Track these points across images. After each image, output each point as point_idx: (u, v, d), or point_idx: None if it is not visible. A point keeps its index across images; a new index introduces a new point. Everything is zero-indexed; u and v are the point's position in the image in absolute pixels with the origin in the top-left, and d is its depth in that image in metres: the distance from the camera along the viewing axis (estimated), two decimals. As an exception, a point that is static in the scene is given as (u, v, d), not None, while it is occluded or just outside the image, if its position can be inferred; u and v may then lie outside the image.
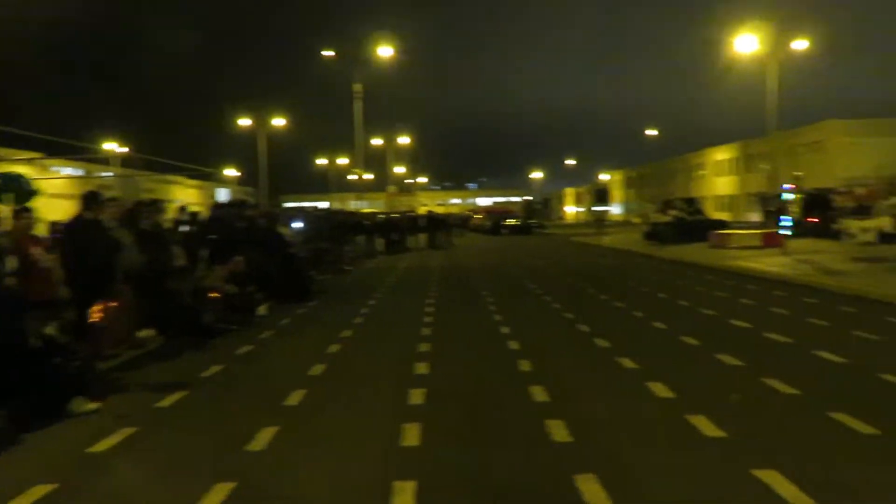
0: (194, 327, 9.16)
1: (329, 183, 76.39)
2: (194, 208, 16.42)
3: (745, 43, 30.62)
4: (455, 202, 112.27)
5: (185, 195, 40.81)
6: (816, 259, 18.04)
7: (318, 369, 7.49)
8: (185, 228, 12.06)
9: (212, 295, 9.91)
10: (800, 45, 30.78)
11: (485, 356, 8.06)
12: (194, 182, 46.59)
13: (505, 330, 9.57)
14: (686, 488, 4.17)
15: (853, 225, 22.62)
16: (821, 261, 17.54)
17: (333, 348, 8.64)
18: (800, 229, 25.44)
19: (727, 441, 4.89)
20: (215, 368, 7.61)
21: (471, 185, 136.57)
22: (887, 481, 4.15)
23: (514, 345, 8.50)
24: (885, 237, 20.55)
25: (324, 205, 63.42)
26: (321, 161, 75.67)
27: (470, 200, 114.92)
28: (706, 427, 5.14)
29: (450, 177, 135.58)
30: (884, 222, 20.80)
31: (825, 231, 25.34)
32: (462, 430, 5.38)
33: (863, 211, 23.56)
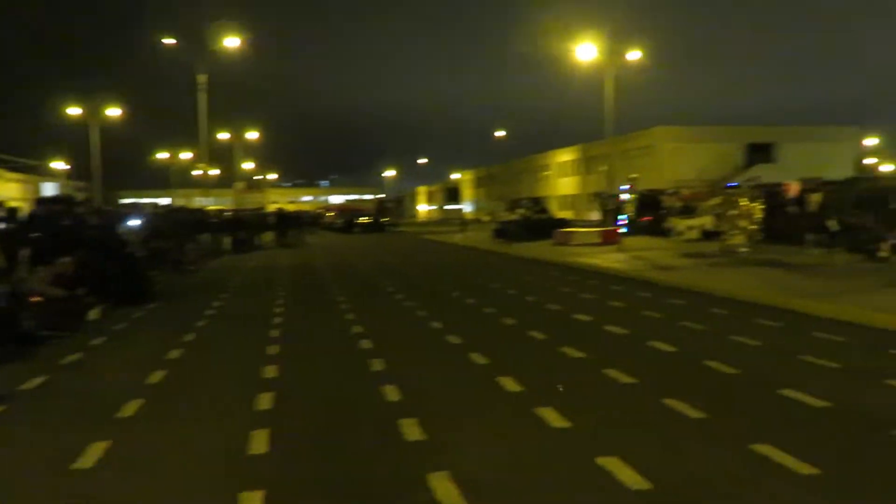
0: (12, 335, 8.28)
1: (172, 179, 72.42)
2: (14, 204, 14.90)
3: (585, 52, 32.38)
4: (306, 199, 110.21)
5: (4, 190, 37.08)
6: (649, 255, 19.37)
7: (156, 377, 7.01)
8: (1, 226, 10.89)
9: (33, 299, 9.01)
10: (634, 55, 32.98)
11: (336, 356, 7.91)
12: (15, 175, 42.42)
13: (357, 329, 9.45)
14: (535, 480, 4.27)
15: (680, 223, 24.54)
16: (653, 257, 18.85)
17: (174, 354, 8.13)
18: (634, 227, 27.23)
19: (573, 431, 5.07)
20: (37, 380, 6.91)
21: (323, 183, 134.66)
22: (716, 461, 4.46)
23: (366, 344, 8.40)
24: (708, 234, 22.44)
25: (166, 201, 60.01)
26: (162, 155, 71.44)
27: (322, 198, 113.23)
28: (553, 419, 5.31)
29: (301, 174, 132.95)
30: (706, 221, 22.70)
31: (656, 229, 27.30)
32: (313, 433, 5.22)
33: (688, 211, 25.61)
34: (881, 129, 66.56)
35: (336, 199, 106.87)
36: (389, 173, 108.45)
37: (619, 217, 23.29)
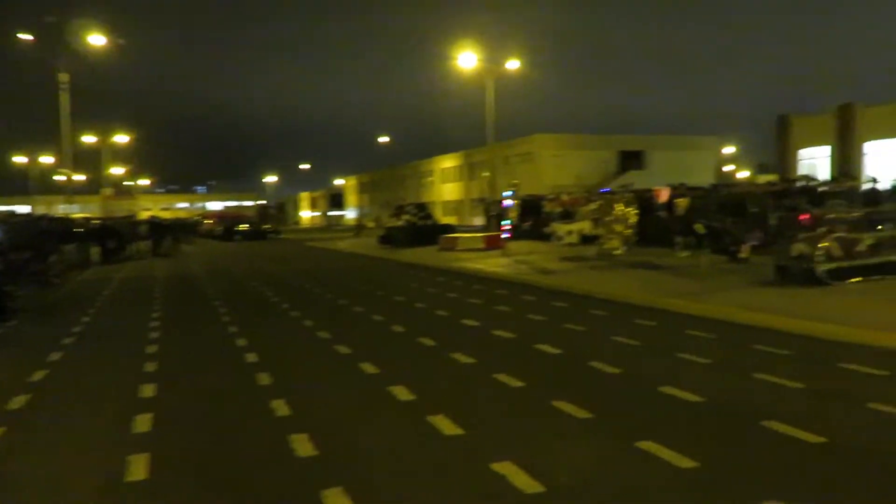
0: None
1: (31, 184, 67.34)
2: None
3: (466, 60, 32.97)
4: (182, 206, 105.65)
5: None
6: (532, 259, 19.91)
7: (19, 401, 6.46)
8: None
9: None
10: (513, 64, 33.89)
11: (220, 372, 7.59)
12: None
13: (241, 342, 9.12)
14: (431, 489, 4.26)
15: (561, 228, 25.35)
16: (536, 261, 19.39)
17: (38, 375, 7.53)
18: (517, 232, 27.90)
19: (466, 438, 5.10)
20: None
21: (199, 189, 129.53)
22: (605, 460, 4.61)
23: (251, 357, 8.12)
24: (586, 239, 23.31)
25: (25, 209, 55.71)
26: (20, 159, 66.30)
27: (199, 205, 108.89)
28: (446, 426, 5.32)
29: (176, 179, 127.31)
30: (585, 226, 23.55)
31: (538, 234, 28.07)
32: (197, 455, 4.97)
33: (568, 216, 26.51)
34: (737, 138, 71.89)
35: (214, 205, 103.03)
36: (271, 179, 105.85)
37: (503, 222, 23.79)
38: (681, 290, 12.06)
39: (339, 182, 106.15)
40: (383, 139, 69.34)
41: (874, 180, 16.87)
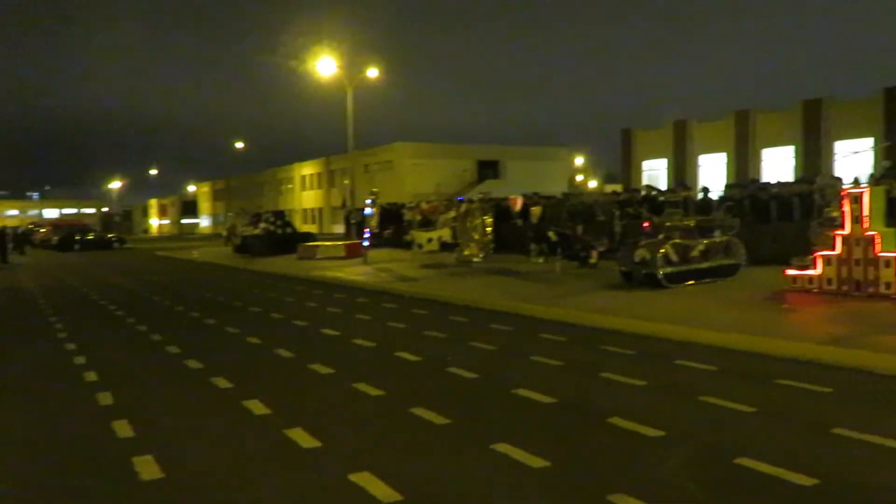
0: None
1: None
2: None
3: (325, 67, 32.65)
4: (12, 214, 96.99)
5: None
6: (393, 267, 19.98)
7: None
8: None
9: None
10: (373, 72, 33.93)
11: (56, 394, 7.01)
12: None
13: (79, 360, 8.48)
14: (286, 506, 4.15)
15: (420, 236, 25.61)
16: (396, 269, 19.48)
17: None
18: (378, 240, 27.90)
19: (324, 450, 5.01)
20: None
21: (33, 195, 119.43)
22: (463, 465, 4.69)
23: (91, 376, 7.57)
24: (446, 246, 23.71)
25: None
26: None
27: (33, 212, 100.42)
28: (303, 439, 5.21)
29: (5, 185, 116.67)
30: (444, 233, 23.94)
31: (399, 242, 28.20)
32: (29, 484, 4.55)
33: (428, 224, 26.83)
34: (587, 150, 75.98)
35: (51, 213, 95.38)
36: (115, 184, 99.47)
37: (364, 230, 23.70)
38: (535, 295, 12.54)
39: (191, 188, 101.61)
40: (239, 144, 67.12)
41: (706, 190, 18.37)
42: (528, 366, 7.55)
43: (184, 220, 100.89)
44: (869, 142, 31.82)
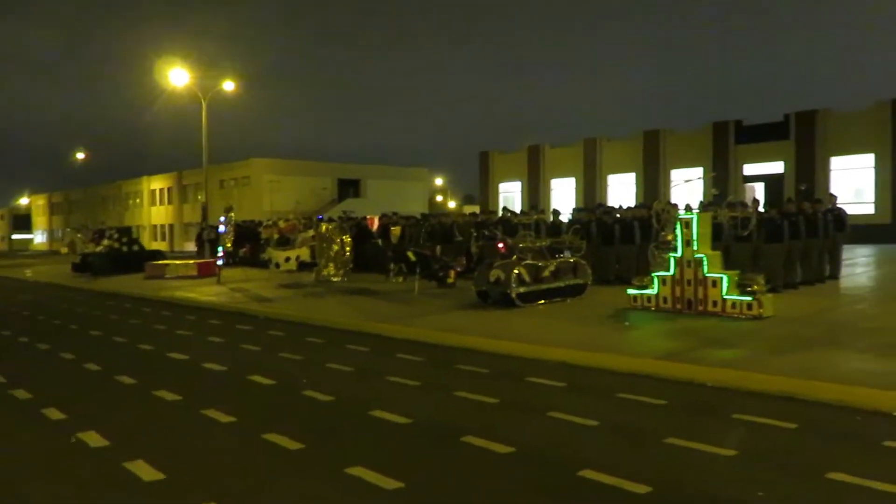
0: None
1: None
2: None
3: (178, 77, 31.36)
4: None
5: None
6: (248, 287, 19.37)
7: None
8: None
9: None
10: (229, 85, 32.98)
11: None
12: None
13: None
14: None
15: (278, 255, 25.02)
16: (252, 289, 18.90)
17: None
18: (233, 259, 26.95)
19: (167, 483, 4.75)
20: None
21: None
22: (313, 491, 4.60)
23: None
24: (305, 265, 23.30)
25: None
26: None
27: None
28: (145, 472, 4.92)
29: None
30: (303, 252, 23.51)
31: (255, 261, 27.39)
32: None
33: (286, 242, 26.27)
34: (445, 171, 77.65)
35: None
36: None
37: (217, 249, 22.83)
38: (394, 315, 12.60)
39: (24, 201, 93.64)
40: (80, 155, 62.67)
41: (557, 213, 19.28)
42: (385, 386, 7.56)
43: (15, 236, 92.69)
44: (699, 171, 34.77)
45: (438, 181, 74.48)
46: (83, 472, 5.03)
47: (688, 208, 13.60)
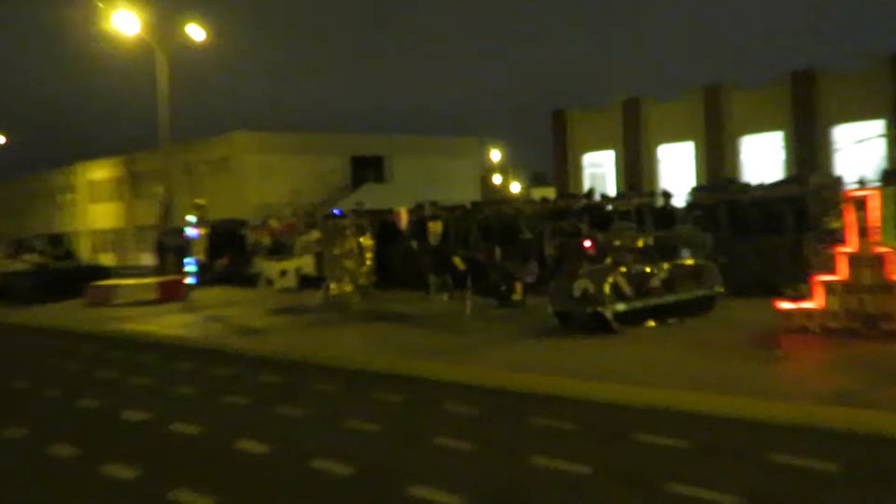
0: None
1: None
2: None
3: (126, 23, 31.85)
4: None
5: None
6: (230, 314, 19.58)
7: None
8: None
9: None
10: (197, 33, 33.35)
11: None
12: None
13: None
14: None
15: (271, 268, 25.29)
16: (235, 316, 19.10)
17: None
18: (208, 275, 27.33)
19: None
20: None
21: None
22: None
23: None
24: (308, 281, 23.48)
25: None
26: None
27: None
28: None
29: None
30: (305, 263, 23.73)
31: (239, 276, 27.71)
32: None
33: (281, 249, 26.55)
34: (503, 141, 77.39)
35: None
36: None
37: (186, 261, 23.20)
38: (437, 349, 12.58)
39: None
40: (-4, 138, 64.36)
41: (668, 195, 19.07)
42: (427, 452, 7.52)
43: None
44: (879, 125, 33.87)
45: (495, 155, 74.36)
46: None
47: (861, 182, 13.30)
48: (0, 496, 6.78)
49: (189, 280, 22.19)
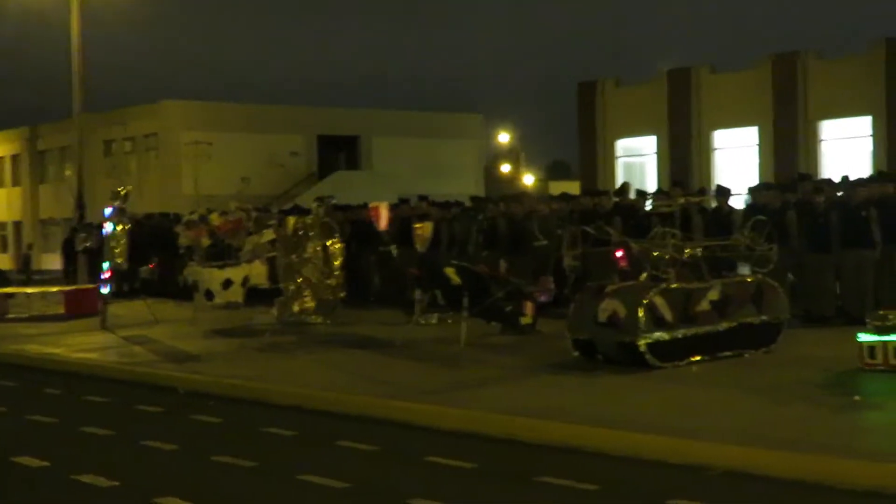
0: None
1: None
2: None
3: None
4: None
5: None
6: (157, 335, 19.58)
7: None
8: None
9: None
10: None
11: None
12: None
13: None
14: None
15: (210, 276, 25.14)
16: (164, 337, 19.10)
17: None
18: (130, 284, 27.28)
19: None
20: None
21: None
22: None
23: None
24: (256, 294, 23.32)
25: None
26: None
27: None
28: None
29: None
30: (255, 271, 23.53)
31: (168, 286, 27.65)
32: None
33: (224, 254, 26.42)
34: (515, 121, 77.20)
35: None
36: None
37: (103, 265, 23.14)
38: (423, 386, 12.61)
39: None
40: None
41: (725, 193, 19.08)
42: (409, 518, 7.56)
43: None
44: None
45: (503, 138, 74.21)
46: None
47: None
48: None
49: (104, 289, 22.12)
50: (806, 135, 39.23)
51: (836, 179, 18.65)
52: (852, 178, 18.62)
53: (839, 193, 17.13)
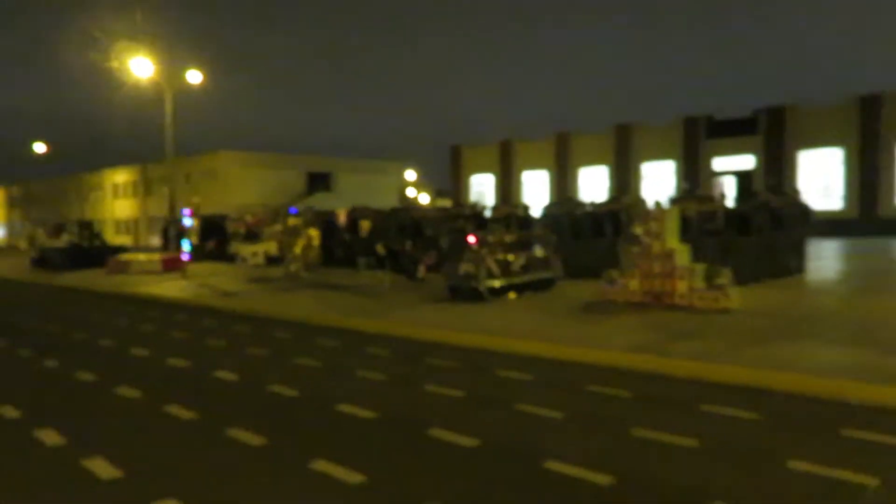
0: None
1: None
2: None
3: (141, 67, 30.79)
4: None
5: None
6: (214, 282, 19.18)
7: None
8: None
9: None
10: (195, 77, 32.46)
11: None
12: None
13: None
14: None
15: (245, 249, 24.81)
16: (218, 283, 18.72)
17: None
18: (199, 254, 26.68)
19: (125, 480, 4.71)
20: None
21: None
22: (276, 486, 4.59)
23: None
24: (272, 260, 23.14)
25: None
26: None
27: None
28: (102, 469, 4.87)
29: None
30: (270, 247, 23.35)
31: (222, 255, 27.17)
32: None
33: (253, 236, 26.05)
34: (417, 164, 77.07)
35: None
36: None
37: (183, 242, 22.60)
38: (363, 310, 12.57)
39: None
40: (40, 147, 61.34)
41: (526, 207, 19.39)
42: (352, 381, 7.55)
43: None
44: (670, 165, 35.16)
45: (411, 175, 74.07)
46: (38, 471, 4.96)
47: (657, 203, 13.76)
48: (31, 406, 6.54)
49: (185, 257, 21.59)
50: (573, 177, 40.02)
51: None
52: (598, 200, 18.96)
53: (588, 208, 17.46)
